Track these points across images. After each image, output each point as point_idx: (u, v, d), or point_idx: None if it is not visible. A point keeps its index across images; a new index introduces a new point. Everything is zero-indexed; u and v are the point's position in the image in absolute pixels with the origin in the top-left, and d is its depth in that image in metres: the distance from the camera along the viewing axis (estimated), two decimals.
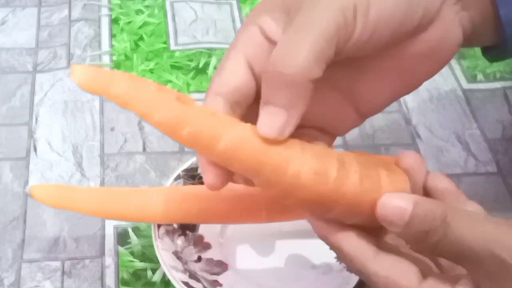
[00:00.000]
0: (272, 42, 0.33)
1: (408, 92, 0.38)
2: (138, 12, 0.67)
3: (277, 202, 0.44)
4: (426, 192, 0.35)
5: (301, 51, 0.30)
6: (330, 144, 0.37)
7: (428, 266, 0.34)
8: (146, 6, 0.68)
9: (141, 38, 0.64)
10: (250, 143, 0.31)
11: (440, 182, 0.35)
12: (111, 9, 0.67)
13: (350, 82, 0.36)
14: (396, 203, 0.31)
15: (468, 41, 0.37)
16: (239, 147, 0.31)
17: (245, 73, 0.33)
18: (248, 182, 0.34)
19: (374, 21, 0.32)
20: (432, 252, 0.32)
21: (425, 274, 0.32)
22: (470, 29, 0.36)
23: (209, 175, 0.33)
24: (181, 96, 0.31)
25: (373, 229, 0.33)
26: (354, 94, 0.36)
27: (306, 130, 0.36)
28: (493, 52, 0.39)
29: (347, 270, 0.35)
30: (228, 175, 0.33)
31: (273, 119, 0.31)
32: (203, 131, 0.31)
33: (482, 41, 0.39)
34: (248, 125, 0.32)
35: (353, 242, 0.33)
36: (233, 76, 0.33)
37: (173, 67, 0.62)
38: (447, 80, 0.63)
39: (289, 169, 0.31)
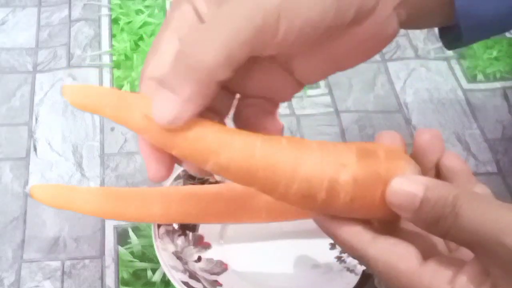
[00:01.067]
0: (204, 22, 0.32)
1: (342, 70, 0.37)
2: (138, 12, 0.67)
3: (277, 202, 0.44)
4: (438, 169, 0.35)
5: (213, 50, 0.29)
6: (274, 110, 0.37)
7: (433, 245, 0.34)
8: (146, 6, 0.68)
9: (141, 38, 0.64)
10: (237, 165, 0.31)
11: (453, 161, 0.34)
12: (111, 9, 0.67)
13: (286, 59, 0.35)
14: (406, 188, 0.31)
15: (407, 24, 0.36)
16: (226, 169, 0.31)
17: None
18: (202, 172, 0.34)
19: (299, 26, 0.31)
20: (443, 237, 0.31)
21: (427, 255, 0.32)
22: (405, 17, 0.35)
23: (151, 167, 0.33)
24: None
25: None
26: (291, 68, 0.36)
27: (250, 100, 0.35)
28: (449, 37, 0.39)
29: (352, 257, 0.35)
30: (171, 164, 0.33)
31: (169, 107, 0.30)
32: (189, 156, 0.31)
33: (428, 24, 0.38)
34: (236, 145, 0.31)
35: (349, 228, 0.32)
36: (167, 59, 0.32)
37: None
38: (447, 80, 0.63)
39: (278, 189, 0.31)
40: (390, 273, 0.31)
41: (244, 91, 0.36)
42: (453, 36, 0.38)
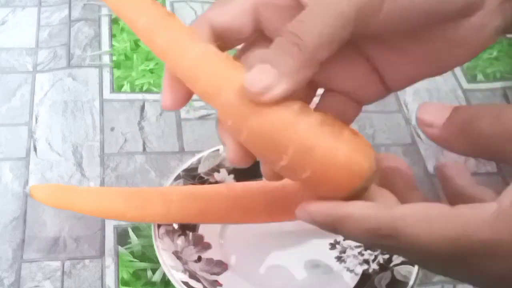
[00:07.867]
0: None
1: (434, 75, 0.36)
2: None
3: (277, 202, 0.44)
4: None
5: (316, 29, 0.30)
6: (356, 114, 0.36)
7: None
8: None
9: None
10: (212, 64, 0.31)
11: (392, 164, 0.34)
12: (111, 9, 0.67)
13: (377, 55, 0.35)
14: (436, 104, 0.30)
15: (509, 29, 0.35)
16: (201, 65, 0.32)
17: (247, 18, 0.33)
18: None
19: (402, 4, 0.31)
20: (478, 140, 0.29)
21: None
22: (510, 17, 0.34)
23: (167, 95, 0.34)
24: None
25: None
26: (380, 67, 0.35)
27: (332, 94, 0.35)
28: None
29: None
30: (185, 98, 0.34)
31: (263, 76, 0.30)
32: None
33: None
34: (210, 46, 0.32)
35: (356, 207, 0.30)
36: (233, 14, 0.33)
37: None
38: (447, 80, 0.63)
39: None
40: (425, 225, 0.28)
41: (328, 84, 0.35)
42: None
